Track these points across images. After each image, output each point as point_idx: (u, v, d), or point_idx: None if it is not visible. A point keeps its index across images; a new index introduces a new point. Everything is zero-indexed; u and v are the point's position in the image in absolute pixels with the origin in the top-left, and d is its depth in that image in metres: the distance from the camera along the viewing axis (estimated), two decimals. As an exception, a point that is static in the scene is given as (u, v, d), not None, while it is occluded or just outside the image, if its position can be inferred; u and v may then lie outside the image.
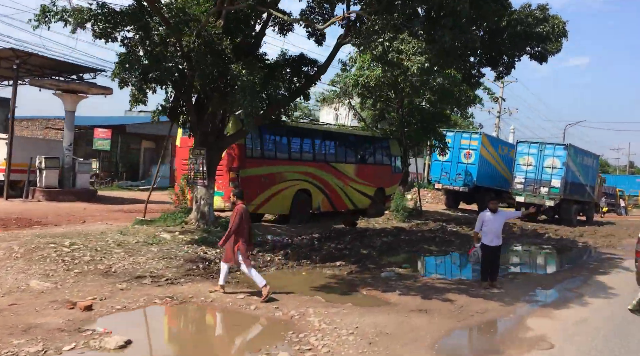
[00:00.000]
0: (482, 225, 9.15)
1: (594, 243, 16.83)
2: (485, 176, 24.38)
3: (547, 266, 13.44)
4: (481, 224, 9.16)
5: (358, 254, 11.00)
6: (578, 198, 24.50)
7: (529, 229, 18.91)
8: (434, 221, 18.62)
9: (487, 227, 9.09)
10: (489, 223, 9.09)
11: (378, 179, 18.13)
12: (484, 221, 9.12)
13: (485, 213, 9.13)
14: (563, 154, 22.74)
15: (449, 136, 24.23)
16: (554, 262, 13.85)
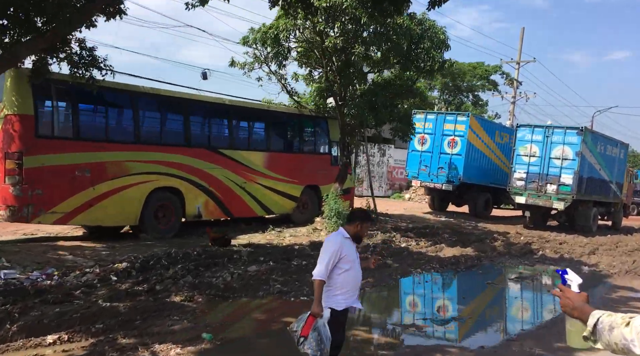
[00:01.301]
0: (335, 263, 4.15)
1: (609, 266, 11.59)
2: (475, 170, 19.17)
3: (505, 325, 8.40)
4: (336, 259, 4.12)
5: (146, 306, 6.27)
6: (598, 197, 19.05)
7: (519, 243, 13.75)
8: (390, 231, 13.69)
9: (346, 271, 4.14)
10: (350, 258, 4.22)
11: (308, 173, 13.32)
12: (342, 255, 4.11)
13: (342, 237, 4.29)
14: (576, 141, 17.37)
15: (430, 120, 19.18)
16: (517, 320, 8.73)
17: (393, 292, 8.61)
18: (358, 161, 30.93)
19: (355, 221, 4.09)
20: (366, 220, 4.18)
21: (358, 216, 4.19)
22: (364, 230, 4.16)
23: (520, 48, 34.85)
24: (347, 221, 4.20)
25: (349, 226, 4.11)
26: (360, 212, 4.35)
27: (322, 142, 14.10)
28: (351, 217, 4.21)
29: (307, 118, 13.49)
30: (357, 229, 4.08)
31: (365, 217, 4.23)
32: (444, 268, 10.26)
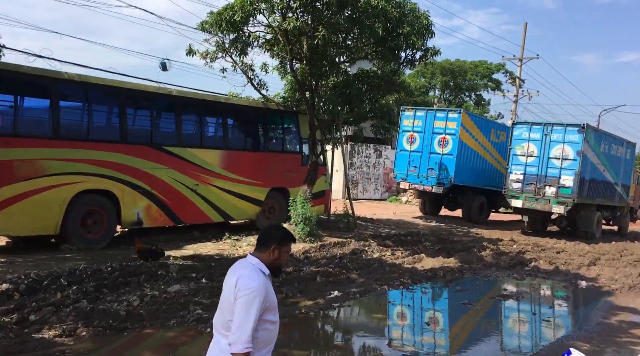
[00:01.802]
0: (258, 316, 2.68)
1: (611, 280, 10.11)
2: (468, 171, 17.73)
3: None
4: (260, 313, 2.68)
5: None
6: (602, 201, 17.55)
7: (510, 252, 12.30)
8: (367, 239, 12.32)
9: (271, 324, 2.80)
10: (274, 304, 2.82)
11: (275, 174, 11.98)
12: (267, 304, 2.73)
13: (264, 277, 2.78)
14: (577, 139, 15.88)
15: (419, 117, 17.77)
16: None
17: (334, 320, 7.15)
18: (353, 162, 29.72)
19: (270, 245, 2.79)
20: (285, 242, 2.87)
21: (274, 236, 2.84)
22: (284, 257, 2.87)
23: (523, 44, 33.30)
24: (258, 245, 2.87)
25: (261, 253, 2.81)
26: (276, 230, 2.93)
27: (292, 139, 12.75)
28: (264, 239, 2.86)
29: (273, 113, 12.15)
30: (274, 256, 2.80)
31: (284, 238, 2.88)
32: (416, 283, 8.87)
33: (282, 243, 2.79)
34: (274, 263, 2.77)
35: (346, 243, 11.52)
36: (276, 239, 2.78)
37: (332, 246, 11.07)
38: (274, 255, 2.76)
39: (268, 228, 2.89)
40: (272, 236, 2.81)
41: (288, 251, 2.90)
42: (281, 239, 2.80)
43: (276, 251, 2.76)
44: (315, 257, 10.09)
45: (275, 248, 2.76)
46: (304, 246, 10.69)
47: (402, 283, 8.69)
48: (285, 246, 2.83)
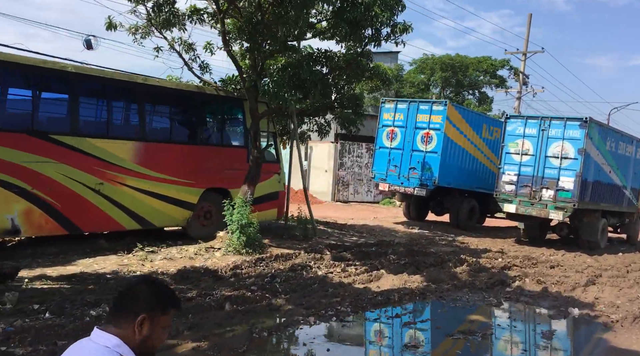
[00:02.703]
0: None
1: (612, 306, 8.05)
2: (455, 171, 15.71)
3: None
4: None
5: None
6: (608, 206, 15.45)
7: (493, 268, 10.25)
8: (323, 250, 10.40)
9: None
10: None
11: (212, 172, 10.09)
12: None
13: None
14: (579, 135, 13.82)
15: (401, 110, 15.81)
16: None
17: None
18: (343, 162, 27.76)
19: (137, 314, 1.79)
20: (163, 309, 1.85)
21: (144, 300, 1.82)
22: (159, 335, 1.85)
23: (527, 37, 31.20)
24: (115, 313, 1.83)
25: (121, 328, 1.77)
26: (148, 290, 1.86)
27: (236, 131, 10.86)
28: (127, 303, 1.82)
29: (211, 98, 10.25)
30: (143, 333, 1.79)
31: (160, 302, 1.85)
32: (358, 312, 6.91)
33: (158, 311, 1.82)
34: (142, 345, 1.80)
35: (293, 256, 9.60)
36: (147, 305, 1.80)
37: (273, 260, 9.15)
38: (144, 332, 1.80)
39: (134, 286, 1.88)
40: (140, 298, 1.82)
41: (167, 325, 1.89)
42: (155, 305, 1.82)
43: (147, 324, 1.80)
44: (244, 274, 8.19)
45: (146, 319, 1.79)
46: (235, 260, 8.79)
47: (337, 313, 6.74)
48: (163, 316, 1.85)
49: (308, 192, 27.56)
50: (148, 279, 1.96)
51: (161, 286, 1.93)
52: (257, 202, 10.85)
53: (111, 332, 1.76)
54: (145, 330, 1.79)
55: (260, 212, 11.00)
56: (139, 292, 1.84)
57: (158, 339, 1.85)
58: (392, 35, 10.36)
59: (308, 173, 28.29)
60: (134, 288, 1.86)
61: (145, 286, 1.86)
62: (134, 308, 1.79)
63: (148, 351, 1.83)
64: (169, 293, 1.91)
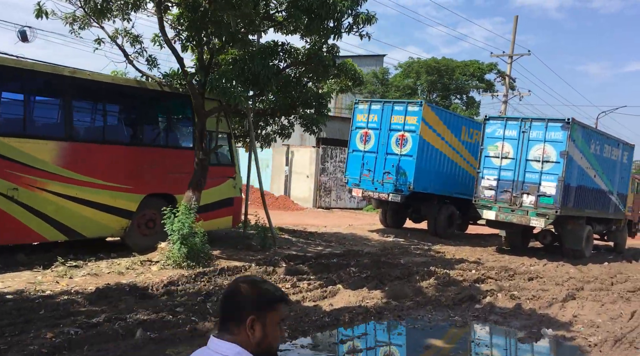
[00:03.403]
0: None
1: (591, 325, 7.15)
2: (432, 176, 14.82)
3: None
4: None
5: None
6: (593, 213, 14.62)
7: (464, 281, 9.31)
8: (280, 262, 9.45)
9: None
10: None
11: (154, 176, 9.12)
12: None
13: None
14: (561, 137, 13.00)
15: (375, 111, 14.95)
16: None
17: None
18: (325, 168, 26.83)
19: (244, 316, 1.73)
20: (270, 306, 1.78)
21: (247, 301, 1.76)
22: (274, 330, 1.78)
23: (513, 39, 30.56)
24: (223, 321, 1.76)
25: (234, 334, 1.72)
26: (249, 290, 1.79)
27: (184, 131, 9.91)
28: (231, 308, 1.76)
29: (154, 94, 9.28)
30: (258, 335, 1.73)
31: (264, 300, 1.76)
32: (297, 338, 5.95)
33: (264, 310, 1.75)
34: (261, 346, 1.73)
35: (242, 269, 8.63)
36: (252, 306, 1.74)
37: (217, 274, 8.19)
38: (257, 333, 1.73)
39: (234, 288, 1.80)
40: (242, 300, 1.75)
41: (279, 319, 1.79)
42: (260, 304, 1.75)
43: (257, 325, 1.73)
44: (179, 292, 7.22)
45: (255, 320, 1.73)
46: (171, 275, 7.80)
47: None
48: (271, 313, 1.76)
49: (289, 198, 26.84)
50: (247, 279, 1.86)
51: (261, 283, 1.85)
52: (208, 209, 9.93)
53: (227, 340, 1.73)
54: (257, 332, 1.75)
55: (212, 220, 10.07)
56: (240, 294, 1.78)
57: (274, 337, 1.79)
58: (354, 27, 9.49)
59: (289, 179, 27.41)
60: (234, 291, 1.81)
61: (245, 287, 1.80)
62: (240, 311, 1.75)
63: (268, 352, 1.78)
64: (271, 288, 1.83)
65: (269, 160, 28.44)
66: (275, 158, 28.08)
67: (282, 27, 9.95)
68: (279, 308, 1.80)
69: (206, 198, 9.78)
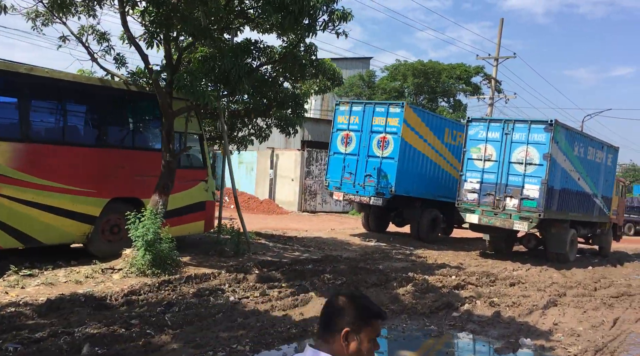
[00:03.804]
0: None
1: (572, 334, 6.83)
2: (414, 179, 14.53)
3: None
4: None
5: None
6: (577, 216, 14.40)
7: (443, 287, 8.96)
8: (252, 268, 9.06)
9: None
10: None
11: (119, 179, 8.70)
12: None
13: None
14: (544, 139, 12.77)
15: (356, 112, 14.63)
16: None
17: None
18: (310, 171, 26.45)
19: (339, 329, 1.84)
20: (365, 322, 1.86)
21: (343, 314, 1.87)
22: (367, 346, 1.87)
23: (499, 42, 30.50)
24: (321, 331, 1.88)
25: (328, 343, 1.86)
26: (347, 303, 1.89)
27: (152, 132, 9.50)
28: (328, 319, 1.89)
29: (119, 93, 8.85)
30: (351, 349, 1.84)
31: (362, 315, 1.86)
32: (258, 352, 5.57)
33: (359, 324, 1.84)
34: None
35: (211, 277, 8.23)
36: (348, 319, 1.84)
37: (183, 283, 7.78)
38: (351, 346, 1.83)
39: (332, 301, 1.90)
40: (339, 313, 1.85)
41: (374, 335, 1.88)
42: (355, 318, 1.84)
43: (352, 339, 1.83)
44: (140, 302, 6.80)
45: (350, 333, 1.83)
46: (133, 284, 7.39)
47: (231, 352, 5.40)
48: (366, 329, 1.85)
49: (274, 202, 26.41)
50: (346, 293, 1.93)
51: (359, 298, 1.92)
52: (178, 213, 9.53)
53: (323, 350, 1.82)
54: (352, 345, 1.82)
55: (182, 225, 9.66)
56: (338, 307, 1.86)
57: (368, 352, 1.85)
58: (329, 24, 9.14)
59: (274, 182, 27.01)
60: (333, 304, 1.88)
61: (343, 300, 1.87)
62: (337, 323, 1.83)
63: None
64: (368, 304, 1.89)
65: (253, 163, 28.06)
66: (260, 161, 27.71)
67: (257, 26, 9.63)
68: (375, 324, 1.87)
69: (176, 202, 9.38)
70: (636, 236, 29.90)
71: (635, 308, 8.86)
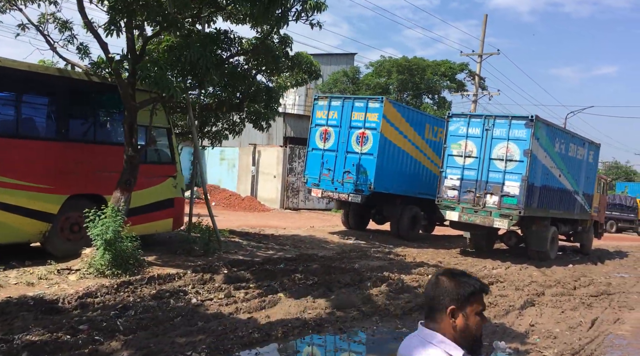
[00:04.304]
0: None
1: (548, 336, 6.56)
2: (394, 176, 14.24)
3: None
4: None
5: None
6: (558, 213, 14.24)
7: (417, 287, 8.66)
8: (222, 267, 8.69)
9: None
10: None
11: (80, 175, 8.26)
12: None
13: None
14: (525, 135, 12.55)
15: (335, 107, 14.31)
16: None
17: None
18: (293, 168, 26.04)
19: (444, 307, 1.90)
20: (469, 299, 1.91)
21: (447, 292, 1.92)
22: (474, 322, 1.91)
23: (483, 38, 30.40)
24: (428, 310, 1.98)
25: (436, 322, 1.93)
26: (449, 280, 1.96)
27: (115, 125, 9.05)
28: (433, 297, 1.95)
29: (78, 84, 8.40)
30: (458, 325, 1.89)
31: (465, 292, 1.91)
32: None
33: (463, 300, 1.90)
34: (462, 335, 1.88)
35: (175, 277, 7.84)
36: (451, 297, 1.90)
37: (145, 284, 7.38)
38: (458, 323, 1.88)
39: (435, 280, 1.98)
40: (443, 291, 1.92)
41: (479, 309, 1.92)
42: (458, 295, 1.90)
43: (458, 315, 1.89)
44: (96, 305, 6.40)
45: (455, 310, 1.89)
46: (90, 285, 6.98)
47: (184, 361, 5.03)
48: (471, 305, 1.90)
49: (256, 199, 26.00)
50: (446, 272, 1.99)
51: (460, 275, 1.96)
52: (145, 211, 9.12)
53: (431, 328, 1.91)
54: (458, 321, 1.87)
55: (149, 223, 9.25)
56: (441, 285, 1.93)
57: (476, 327, 1.89)
58: (303, 14, 8.78)
59: (256, 179, 26.59)
60: (436, 283, 1.95)
61: (444, 279, 1.94)
62: (441, 301, 1.90)
63: (470, 340, 1.88)
64: (469, 280, 1.93)
65: (235, 160, 27.63)
66: (241, 158, 27.30)
67: (230, 16, 9.24)
68: (479, 299, 1.91)
69: (142, 198, 8.98)
70: (618, 233, 30.06)
71: (614, 307, 8.66)
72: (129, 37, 8.12)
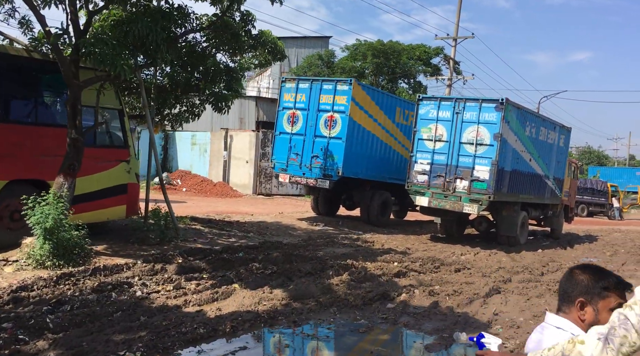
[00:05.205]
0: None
1: (512, 325, 6.36)
2: (363, 160, 13.90)
3: None
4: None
5: None
6: (528, 198, 14.11)
7: (382, 275, 8.35)
8: (175, 257, 8.24)
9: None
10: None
11: (19, 159, 7.68)
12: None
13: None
14: (495, 119, 12.30)
15: (302, 90, 13.84)
16: None
17: None
18: (266, 152, 25.51)
19: (574, 299, 1.96)
20: (601, 293, 1.92)
21: (577, 284, 1.98)
22: (606, 316, 1.83)
23: (457, 22, 30.12)
24: (560, 299, 2.04)
25: (566, 312, 1.99)
26: (581, 273, 2.00)
27: (61, 106, 8.45)
28: (565, 288, 2.02)
29: (15, 60, 7.74)
30: (586, 318, 1.94)
31: (595, 287, 1.94)
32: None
33: (594, 295, 1.91)
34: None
35: (124, 268, 7.36)
36: (582, 290, 1.94)
37: (89, 275, 6.90)
38: (587, 316, 1.91)
39: (568, 274, 2.03)
40: (575, 284, 1.97)
41: (612, 305, 1.86)
42: (590, 289, 1.92)
43: (587, 309, 1.91)
44: (32, 299, 5.91)
45: (585, 304, 1.92)
46: (27, 277, 6.48)
47: (118, 361, 4.61)
48: (603, 300, 1.90)
49: (228, 184, 25.45)
50: (581, 266, 2.01)
51: (595, 270, 1.97)
52: (94, 197, 8.58)
53: (561, 316, 1.96)
54: (587, 314, 1.89)
55: (99, 210, 8.72)
56: (574, 278, 1.96)
57: (605, 322, 1.77)
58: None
59: (228, 164, 26.01)
60: (570, 274, 1.99)
61: (578, 272, 1.96)
62: (572, 293, 1.94)
63: None
64: (602, 275, 1.93)
65: (207, 145, 26.98)
66: (213, 143, 26.67)
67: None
68: (612, 296, 1.88)
69: (91, 184, 8.45)
70: (589, 217, 30.43)
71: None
72: (72, 10, 7.50)
